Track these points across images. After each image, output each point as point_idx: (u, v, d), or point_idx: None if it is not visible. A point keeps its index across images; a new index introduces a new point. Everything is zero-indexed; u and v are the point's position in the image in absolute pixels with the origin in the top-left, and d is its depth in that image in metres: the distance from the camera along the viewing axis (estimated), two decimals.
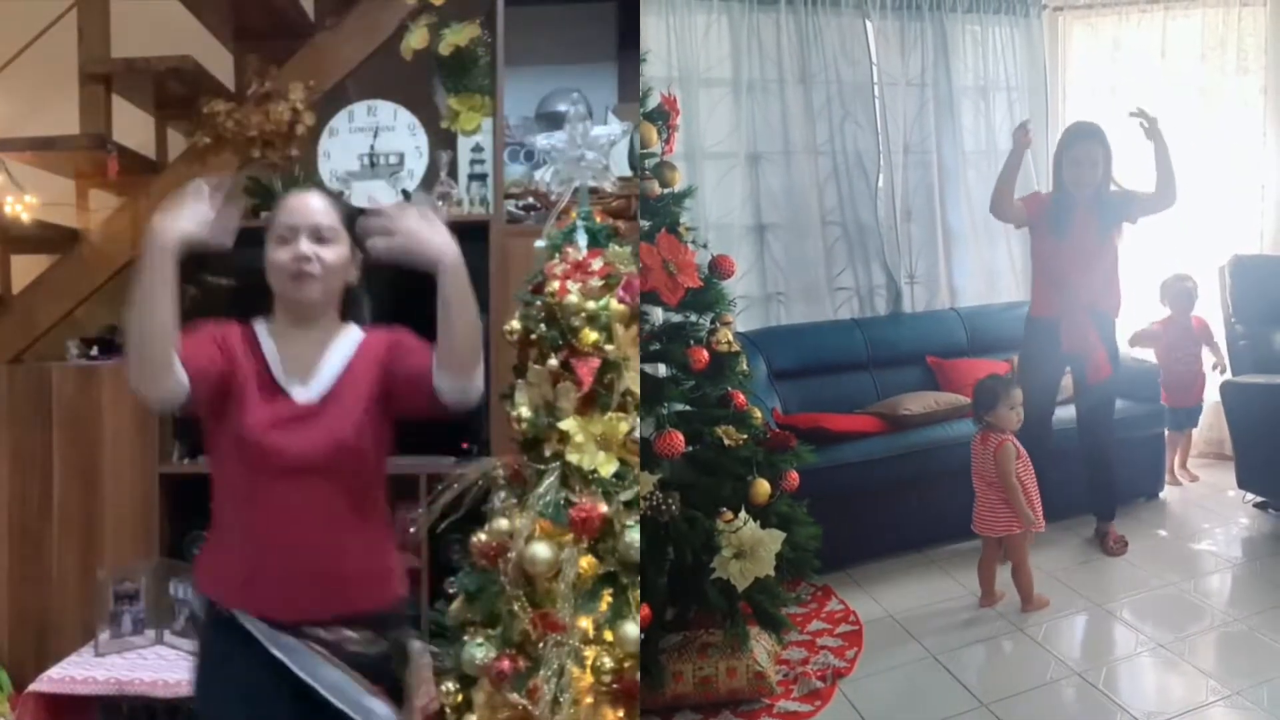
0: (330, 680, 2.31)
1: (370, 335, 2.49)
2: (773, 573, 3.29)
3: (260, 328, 2.44)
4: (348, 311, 2.51)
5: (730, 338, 3.50)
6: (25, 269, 4.53)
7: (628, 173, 3.79)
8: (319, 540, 2.32)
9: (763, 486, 3.42)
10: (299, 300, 2.38)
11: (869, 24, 5.40)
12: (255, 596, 2.30)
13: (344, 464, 2.36)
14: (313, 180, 2.52)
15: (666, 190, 3.47)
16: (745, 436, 3.48)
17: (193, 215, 2.22)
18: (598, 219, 3.26)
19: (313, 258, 2.35)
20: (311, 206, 2.40)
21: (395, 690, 2.42)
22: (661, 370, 3.47)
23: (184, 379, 2.20)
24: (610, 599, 2.86)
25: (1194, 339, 5.34)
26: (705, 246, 3.59)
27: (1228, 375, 5.24)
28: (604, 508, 2.88)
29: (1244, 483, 4.81)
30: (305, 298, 2.38)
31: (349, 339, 2.47)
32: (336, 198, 2.49)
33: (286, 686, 2.28)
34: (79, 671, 3.57)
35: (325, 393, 2.38)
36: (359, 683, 2.34)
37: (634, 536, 2.88)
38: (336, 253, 2.40)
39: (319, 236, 2.37)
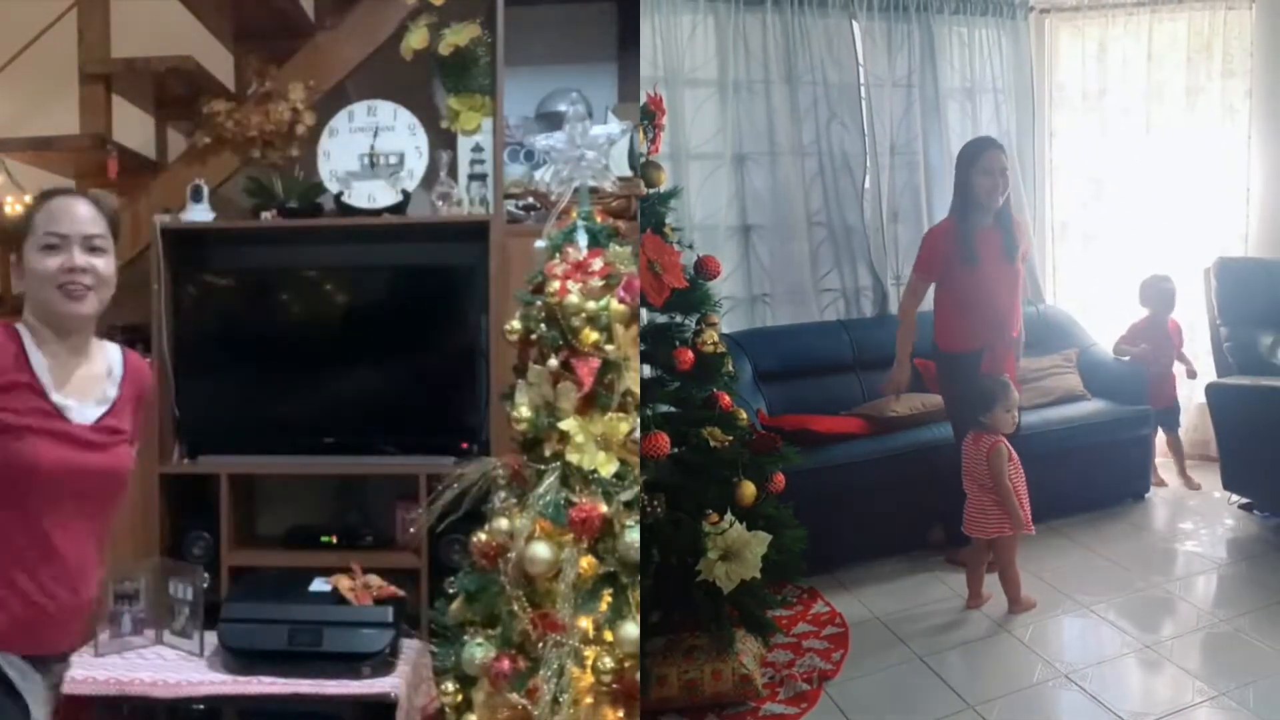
0: (43, 710, 2.23)
1: (131, 358, 2.40)
2: (759, 575, 3.27)
3: (25, 335, 2.23)
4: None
5: (716, 339, 3.48)
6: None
7: (627, 173, 3.78)
8: (83, 570, 2.22)
9: (749, 488, 3.40)
10: (70, 314, 2.22)
11: (855, 25, 5.40)
12: (27, 634, 2.17)
13: (113, 492, 2.28)
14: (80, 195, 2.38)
15: (652, 191, 3.45)
16: (731, 438, 3.46)
17: None
18: (598, 219, 3.25)
19: (88, 269, 2.21)
20: (82, 214, 2.24)
21: None
22: (647, 371, 3.44)
23: None
24: (610, 599, 2.85)
25: (1170, 341, 5.38)
26: (691, 247, 3.57)
27: (1197, 379, 5.31)
28: (604, 508, 2.87)
29: (1229, 484, 4.81)
30: (78, 312, 2.22)
31: (113, 358, 2.36)
32: (101, 203, 2.32)
33: None
34: (79, 671, 3.53)
35: (101, 416, 2.25)
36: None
37: (634, 536, 2.87)
38: (109, 264, 2.26)
39: (91, 246, 2.23)
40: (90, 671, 3.53)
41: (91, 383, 2.28)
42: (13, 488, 2.12)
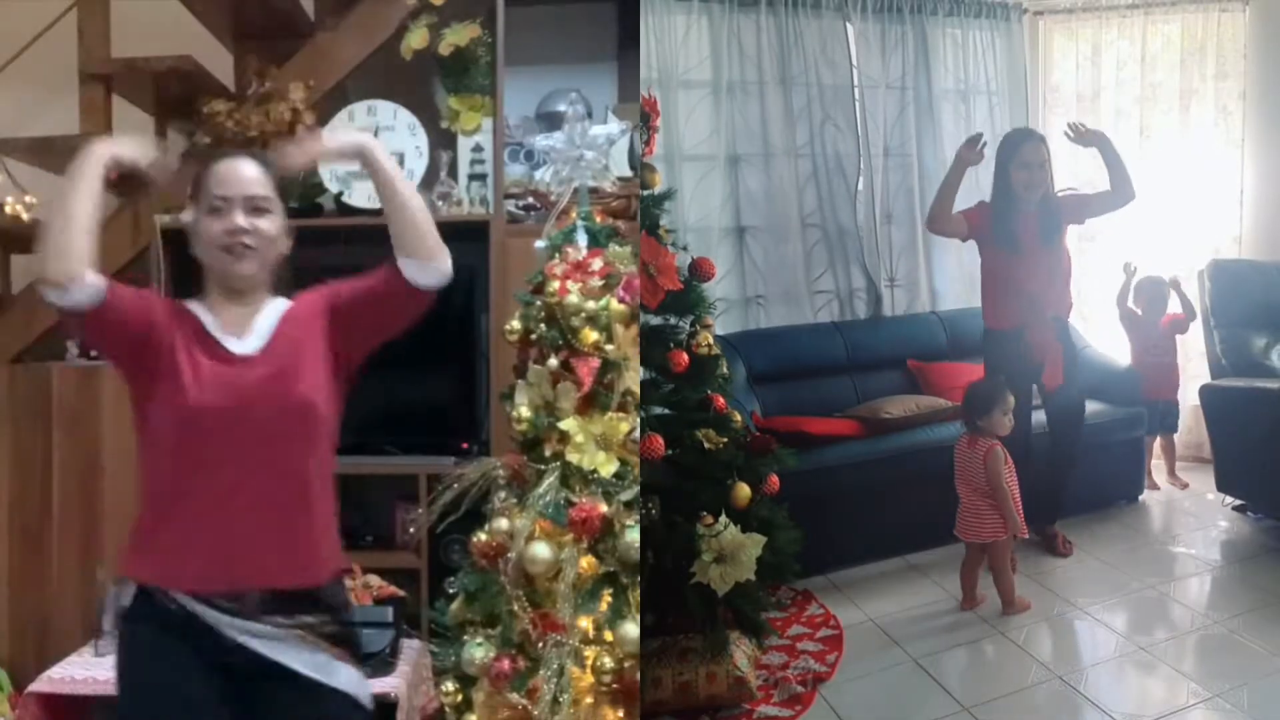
0: (305, 660, 2.23)
1: (301, 296, 2.42)
2: (753, 577, 3.26)
3: (194, 305, 2.34)
4: (278, 286, 2.42)
5: (710, 341, 3.47)
6: (25, 269, 4.52)
7: (627, 172, 3.79)
8: (269, 508, 2.22)
9: (743, 490, 3.39)
10: (234, 274, 2.29)
11: (849, 26, 5.39)
12: (212, 574, 2.18)
13: (291, 414, 2.26)
14: (252, 152, 2.44)
15: (646, 192, 3.45)
16: (725, 440, 3.45)
17: (134, 145, 2.26)
18: (598, 219, 3.26)
19: (250, 230, 2.27)
20: (245, 175, 2.30)
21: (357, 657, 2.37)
22: (641, 374, 3.45)
23: (96, 282, 2.15)
24: (610, 599, 2.86)
25: (1167, 336, 5.38)
26: (685, 249, 3.57)
27: (1195, 320, 5.35)
28: (604, 508, 2.88)
29: (1223, 486, 4.82)
30: (241, 272, 2.29)
31: (279, 304, 2.39)
32: (269, 163, 2.38)
33: (224, 670, 2.20)
34: (79, 671, 3.56)
35: (263, 345, 2.29)
36: (329, 652, 2.26)
37: (634, 536, 2.87)
38: (273, 223, 2.32)
39: (254, 207, 2.28)
40: (90, 671, 3.53)
41: (254, 322, 2.33)
42: (180, 418, 2.20)
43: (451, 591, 3.12)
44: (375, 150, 2.29)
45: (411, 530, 4.02)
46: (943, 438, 4.43)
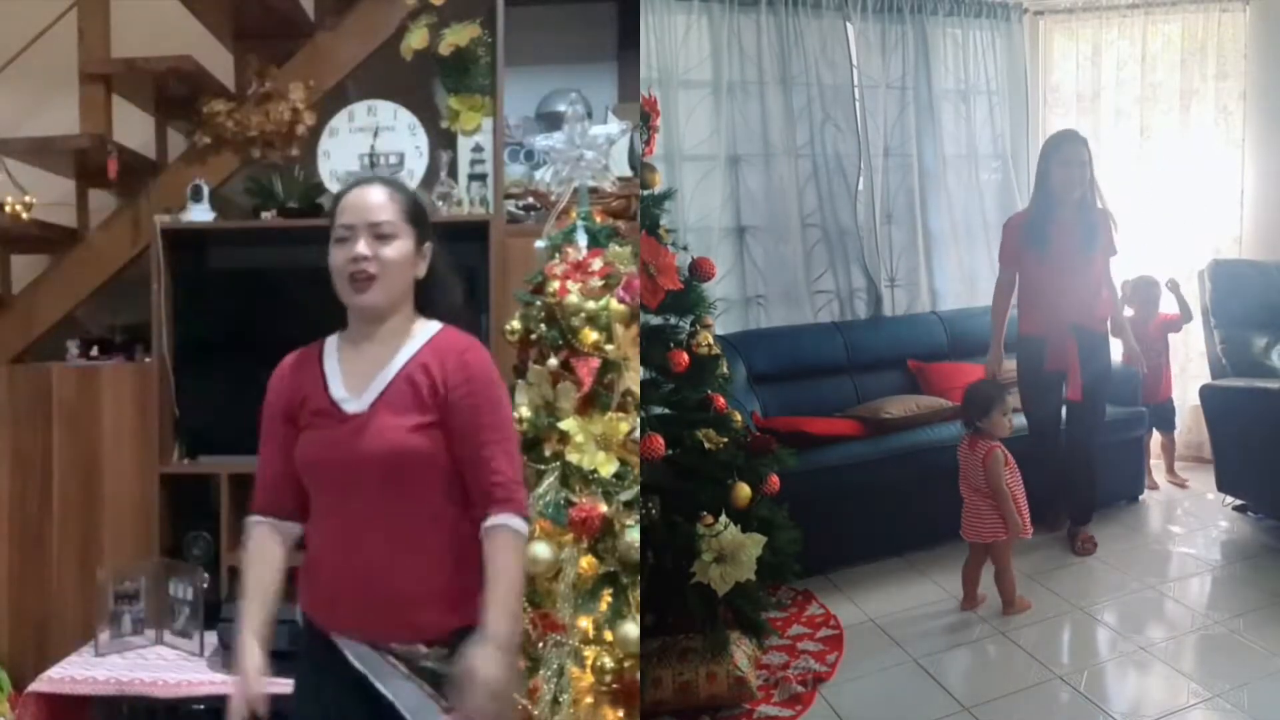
0: (406, 696, 2.19)
1: (443, 335, 2.30)
2: (753, 577, 3.26)
3: (330, 343, 2.34)
4: (426, 307, 2.35)
5: (711, 341, 3.47)
6: (25, 269, 4.52)
7: (627, 172, 3.79)
8: (377, 556, 2.18)
9: (743, 490, 3.39)
10: (360, 305, 2.25)
11: (850, 26, 5.39)
12: (334, 614, 2.25)
13: (392, 470, 2.18)
14: (374, 174, 2.41)
15: (647, 192, 3.45)
16: (726, 440, 3.45)
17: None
18: (598, 219, 3.26)
19: (371, 257, 2.21)
20: (369, 203, 2.25)
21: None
22: (642, 373, 3.45)
23: (296, 527, 2.31)
24: (610, 599, 2.86)
25: (1159, 336, 5.36)
26: (685, 249, 3.57)
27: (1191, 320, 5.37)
28: (604, 508, 2.88)
29: (1223, 486, 4.82)
30: (366, 303, 2.24)
31: (420, 336, 2.29)
32: (400, 188, 2.34)
33: (366, 707, 2.21)
34: (79, 671, 3.57)
35: (375, 399, 2.22)
36: (433, 699, 2.19)
37: (634, 536, 2.88)
38: (398, 249, 2.25)
39: (378, 234, 2.23)
40: (90, 671, 3.54)
41: (376, 369, 2.26)
42: (309, 471, 2.25)
43: None
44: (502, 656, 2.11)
45: None
46: (943, 438, 4.43)
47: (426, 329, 2.31)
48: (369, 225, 2.23)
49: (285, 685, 2.27)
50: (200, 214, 4.15)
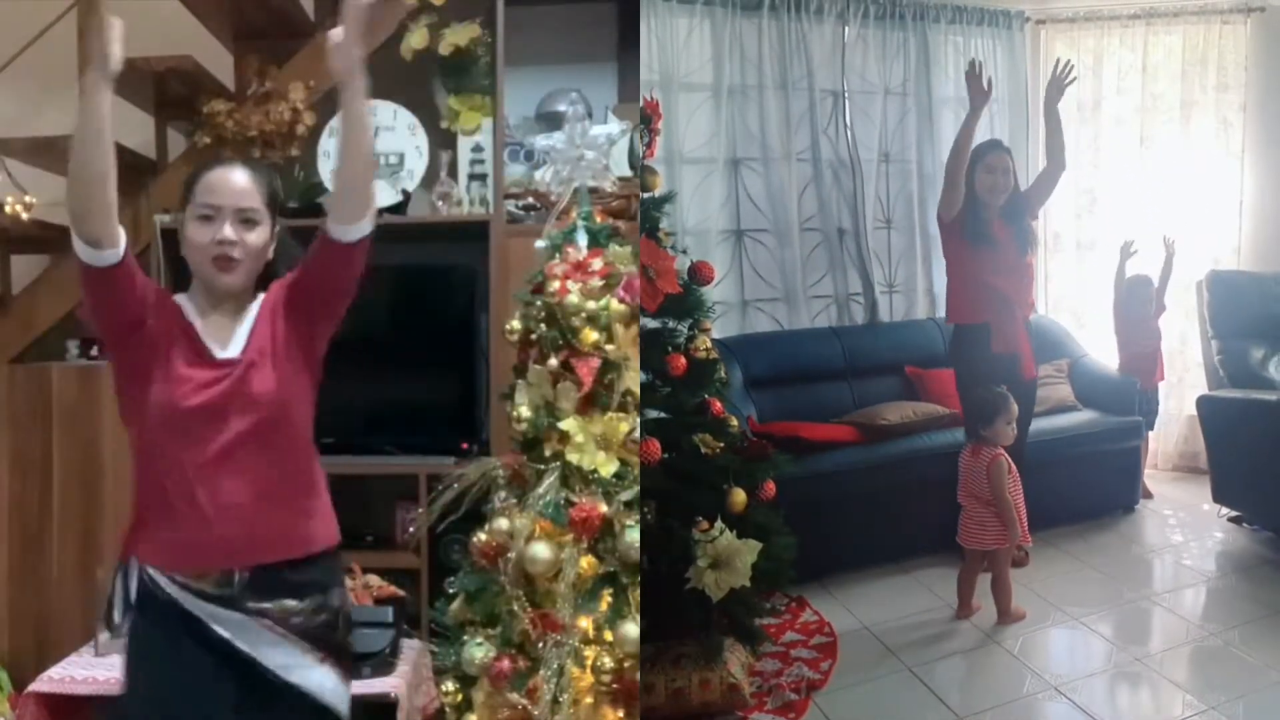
0: (277, 657, 2.27)
1: (272, 287, 2.44)
2: (748, 583, 3.25)
3: (183, 301, 2.38)
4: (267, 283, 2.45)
5: (709, 345, 3.46)
6: (25, 269, 4.53)
7: (627, 172, 3.78)
8: (252, 496, 2.28)
9: (739, 496, 3.37)
10: (222, 286, 2.33)
11: (851, 32, 5.39)
12: (199, 554, 2.26)
13: (269, 412, 2.30)
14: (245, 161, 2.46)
15: (647, 195, 3.45)
16: (722, 445, 3.44)
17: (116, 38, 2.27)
18: (598, 219, 3.25)
19: (237, 242, 2.29)
20: (238, 187, 2.32)
21: (341, 657, 2.39)
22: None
23: (120, 243, 2.20)
24: (610, 599, 2.86)
25: (1149, 326, 5.35)
26: (685, 252, 3.57)
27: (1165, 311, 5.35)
28: (604, 508, 2.88)
29: (1219, 497, 4.81)
30: (228, 284, 2.33)
31: (259, 300, 2.42)
32: (263, 172, 2.43)
33: (231, 667, 2.25)
34: (79, 671, 3.55)
35: (244, 346, 2.33)
36: (307, 654, 2.30)
37: (634, 536, 2.88)
38: (261, 235, 2.34)
39: (244, 219, 2.31)
40: (90, 671, 3.52)
41: (237, 328, 2.36)
42: (170, 414, 2.25)
43: (451, 591, 3.12)
44: (360, 87, 2.32)
45: (411, 530, 4.02)
46: (940, 444, 4.43)
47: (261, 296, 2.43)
48: (236, 210, 2.30)
49: None
50: None
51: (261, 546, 2.29)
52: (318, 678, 2.31)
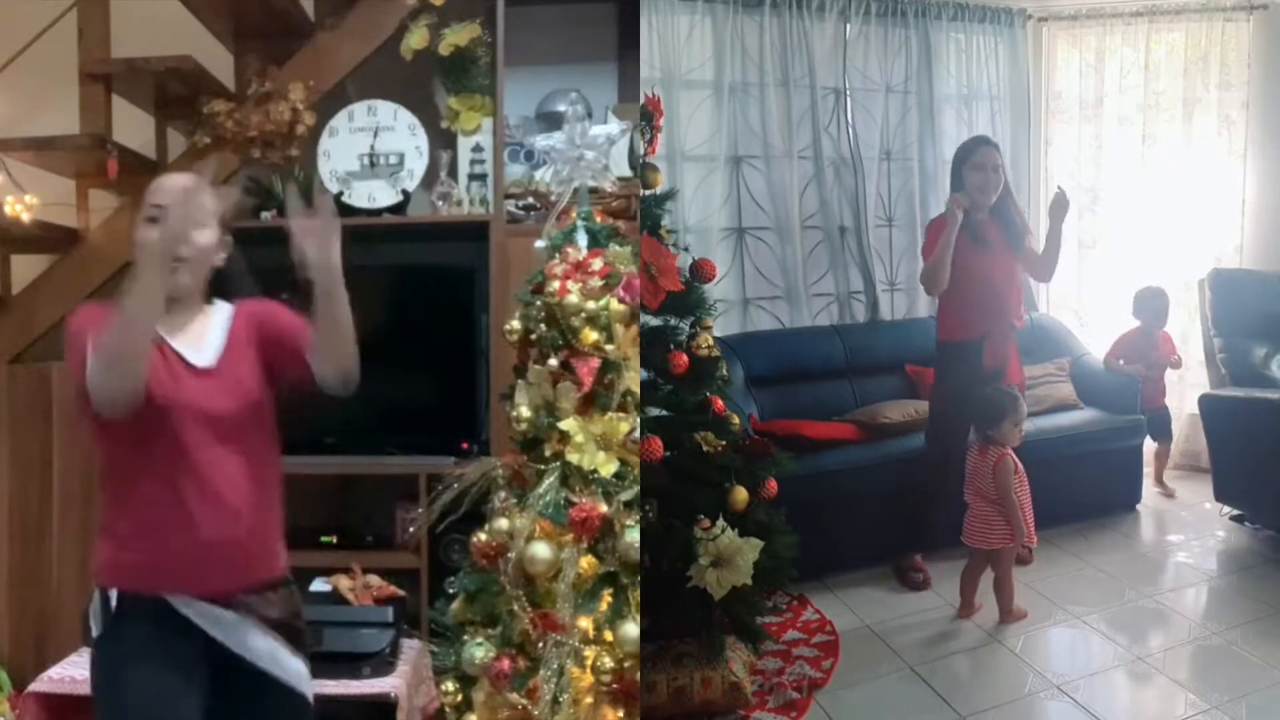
0: (260, 648, 2.32)
1: (242, 305, 2.48)
2: (750, 582, 3.25)
3: None
4: (218, 292, 2.48)
5: (710, 342, 3.46)
6: (25, 269, 4.51)
7: (627, 172, 3.78)
8: (242, 505, 2.30)
9: (741, 494, 3.37)
10: (169, 285, 2.30)
11: (853, 29, 5.38)
12: (192, 574, 2.28)
13: (252, 422, 2.36)
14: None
15: (648, 192, 3.44)
16: (724, 443, 3.43)
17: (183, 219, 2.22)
18: (598, 219, 3.25)
19: (186, 242, 2.30)
20: (182, 187, 2.32)
21: (304, 648, 2.46)
22: (640, 375, 3.44)
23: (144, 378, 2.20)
24: (610, 599, 2.86)
25: (1163, 353, 5.34)
26: (686, 250, 3.56)
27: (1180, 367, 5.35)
28: (604, 508, 2.88)
29: (1221, 496, 4.80)
30: (177, 283, 2.33)
31: (220, 311, 2.46)
32: (201, 178, 2.41)
33: (208, 664, 2.29)
34: (79, 671, 3.52)
35: (218, 356, 2.37)
36: (281, 644, 2.36)
37: (634, 536, 2.87)
38: (208, 237, 2.37)
39: (192, 220, 2.30)
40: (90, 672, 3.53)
41: (205, 333, 2.40)
42: (152, 426, 2.26)
43: (451, 591, 3.12)
44: (337, 272, 2.28)
45: (411, 530, 4.01)
46: None
47: (223, 306, 2.48)
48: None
49: None
50: None
51: (253, 563, 2.36)
52: (294, 666, 2.38)
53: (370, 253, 4.33)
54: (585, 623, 2.81)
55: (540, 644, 2.82)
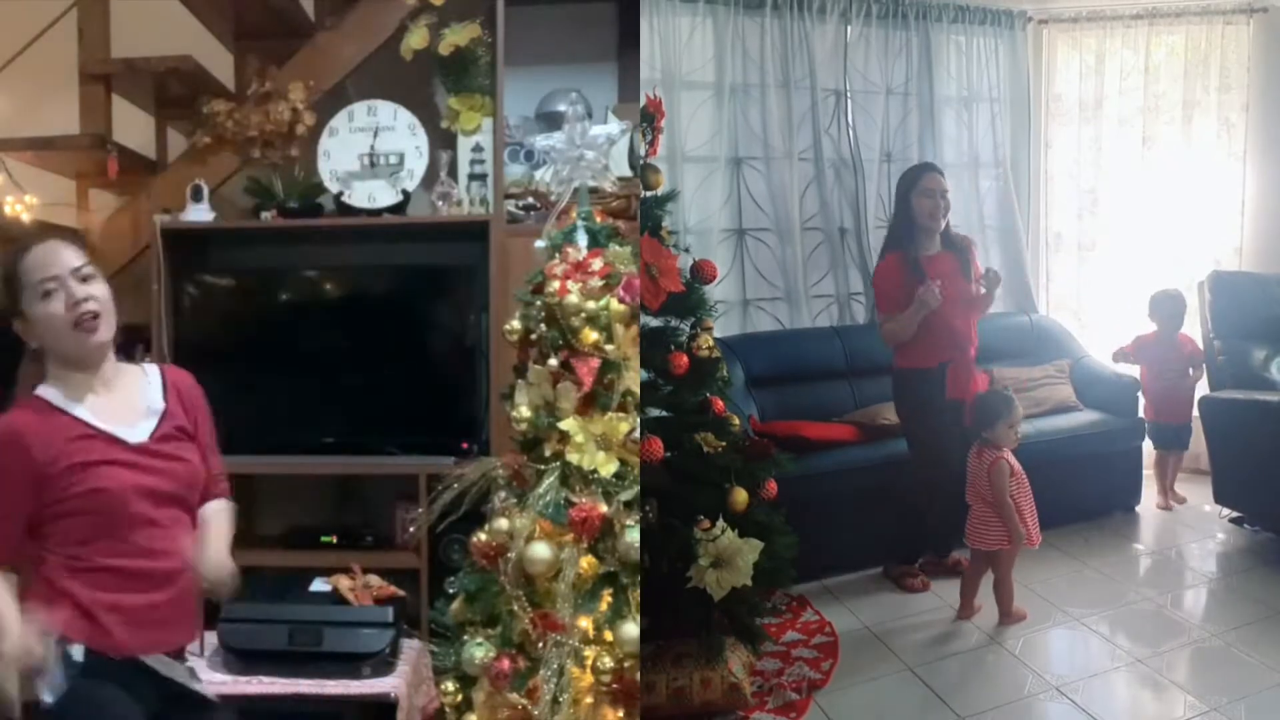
0: (182, 673, 2.41)
1: (172, 372, 2.51)
2: (749, 582, 3.25)
3: (51, 394, 2.32)
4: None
5: (711, 343, 3.46)
6: None
7: (627, 172, 3.78)
8: (179, 568, 2.34)
9: (741, 495, 3.36)
10: (94, 345, 2.29)
11: (853, 31, 5.39)
12: (150, 635, 2.32)
13: (185, 492, 2.40)
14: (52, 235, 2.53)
15: (649, 193, 3.44)
16: (724, 444, 3.43)
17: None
18: (598, 219, 3.25)
19: (91, 296, 2.27)
20: (62, 254, 2.28)
21: None
22: (641, 375, 3.44)
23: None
24: (610, 599, 2.85)
25: (1183, 356, 5.25)
26: (687, 251, 3.56)
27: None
28: (604, 508, 2.87)
29: (1221, 498, 4.80)
30: (99, 340, 2.29)
31: (149, 375, 2.46)
32: (68, 239, 2.40)
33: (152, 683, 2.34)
34: None
35: (153, 431, 2.37)
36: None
37: (634, 536, 2.86)
38: (103, 287, 2.32)
39: (82, 277, 2.27)
40: None
41: (132, 406, 2.38)
42: (104, 512, 2.24)
43: (451, 591, 3.11)
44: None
45: (411, 530, 4.01)
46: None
47: (135, 367, 2.48)
48: (72, 270, 2.27)
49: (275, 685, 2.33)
50: (200, 214, 4.15)
51: (188, 631, 2.46)
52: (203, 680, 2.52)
53: (370, 253, 4.36)
54: (585, 623, 2.81)
55: (540, 644, 2.81)
